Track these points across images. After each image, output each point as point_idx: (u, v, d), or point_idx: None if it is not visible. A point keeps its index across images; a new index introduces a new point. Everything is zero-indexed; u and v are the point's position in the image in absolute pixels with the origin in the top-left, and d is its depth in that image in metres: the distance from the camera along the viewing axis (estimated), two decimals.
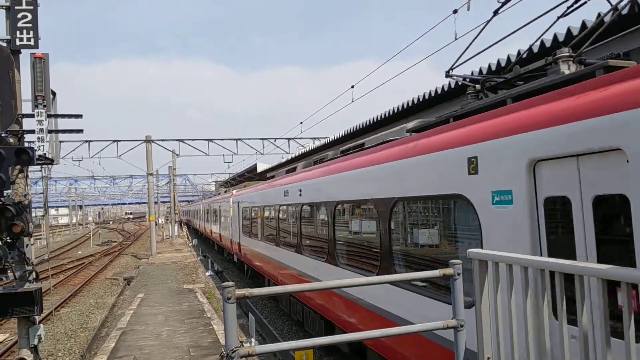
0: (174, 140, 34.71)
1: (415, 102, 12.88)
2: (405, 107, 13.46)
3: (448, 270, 3.63)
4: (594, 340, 3.14)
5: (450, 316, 3.67)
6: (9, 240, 7.48)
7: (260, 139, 35.21)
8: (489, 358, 3.60)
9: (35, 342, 7.98)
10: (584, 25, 7.40)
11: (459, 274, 3.64)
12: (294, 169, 13.88)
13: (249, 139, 35.23)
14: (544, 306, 3.05)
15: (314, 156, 19.36)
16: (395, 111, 14.16)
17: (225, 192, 33.41)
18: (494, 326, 3.49)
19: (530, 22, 5.83)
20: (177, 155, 36.66)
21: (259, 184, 19.74)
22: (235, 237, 23.11)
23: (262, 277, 18.66)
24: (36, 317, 8.11)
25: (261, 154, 35.31)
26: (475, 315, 3.62)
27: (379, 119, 15.49)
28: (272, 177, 18.97)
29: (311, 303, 11.01)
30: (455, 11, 9.44)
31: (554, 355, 3.08)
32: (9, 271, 7.48)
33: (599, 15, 6.57)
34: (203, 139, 34.51)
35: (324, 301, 10.00)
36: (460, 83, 10.95)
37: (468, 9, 9.75)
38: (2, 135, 7.81)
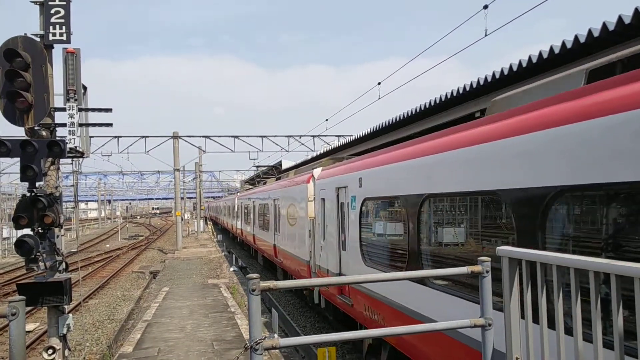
0: (200, 136, 35.09)
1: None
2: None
3: (476, 268, 3.54)
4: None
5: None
6: (40, 231, 7.67)
7: (286, 136, 35.29)
8: (517, 358, 3.51)
9: (64, 331, 8.15)
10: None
11: (487, 272, 3.55)
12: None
13: (274, 135, 35.34)
14: (577, 308, 2.95)
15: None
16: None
17: (278, 179, 22.87)
18: (524, 326, 3.40)
19: None
20: (204, 151, 37.05)
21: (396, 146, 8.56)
22: (327, 263, 11.69)
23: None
24: (65, 306, 8.29)
25: (286, 151, 35.42)
26: (503, 314, 3.53)
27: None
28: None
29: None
30: (485, 7, 9.27)
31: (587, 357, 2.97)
32: (40, 261, 7.66)
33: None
34: (229, 136, 34.78)
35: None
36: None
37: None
38: (35, 128, 8.00)
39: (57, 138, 8.14)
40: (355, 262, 9.47)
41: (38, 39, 8.01)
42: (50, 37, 8.04)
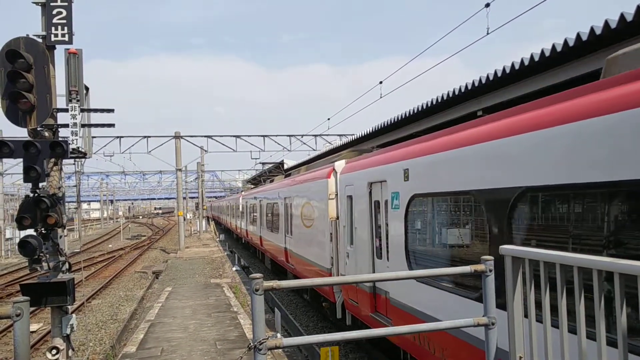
0: (202, 136, 35.12)
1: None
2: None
3: (479, 267, 3.54)
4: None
5: None
6: (43, 231, 7.68)
7: (287, 135, 35.30)
8: (521, 357, 3.51)
9: (68, 331, 8.17)
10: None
11: (490, 270, 3.55)
12: None
13: (276, 135, 35.38)
14: (581, 306, 2.95)
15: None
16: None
17: (287, 176, 20.69)
18: (527, 325, 3.40)
19: None
20: (206, 151, 37.08)
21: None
22: (356, 273, 10.03)
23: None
24: (69, 306, 8.31)
25: (288, 150, 35.44)
26: (507, 313, 3.53)
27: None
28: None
29: None
30: (487, 5, 9.26)
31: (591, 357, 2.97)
32: (43, 261, 7.68)
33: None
34: (231, 135, 34.82)
35: None
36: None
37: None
38: (38, 129, 8.01)
39: (60, 139, 8.16)
40: None
41: (40, 40, 8.02)
42: (52, 38, 8.05)
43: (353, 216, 10.25)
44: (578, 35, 6.31)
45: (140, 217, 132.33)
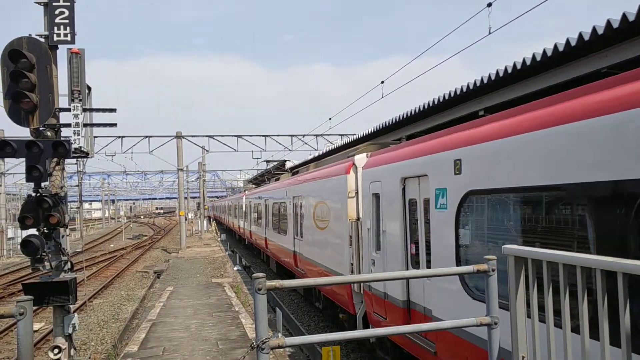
0: (203, 136, 35.16)
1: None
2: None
3: (482, 266, 3.54)
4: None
5: None
6: (45, 231, 7.69)
7: (289, 135, 35.33)
8: (523, 357, 3.51)
9: (70, 330, 8.18)
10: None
11: (493, 270, 3.55)
12: None
13: (278, 135, 35.43)
14: (584, 306, 2.94)
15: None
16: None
17: (294, 174, 19.95)
18: (530, 325, 3.39)
19: None
20: (207, 151, 37.10)
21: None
22: (385, 283, 9.14)
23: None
24: (70, 306, 8.32)
25: (289, 150, 35.45)
26: (510, 313, 3.53)
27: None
28: None
29: None
30: (489, 4, 9.25)
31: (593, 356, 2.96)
32: (45, 261, 7.69)
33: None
34: (232, 135, 34.86)
35: None
36: None
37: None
38: (40, 128, 8.02)
39: (62, 138, 8.17)
40: (448, 292, 6.25)
41: (42, 40, 8.04)
42: (55, 38, 8.06)
43: (380, 217, 8.88)
44: (580, 35, 6.29)
45: (142, 216, 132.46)
